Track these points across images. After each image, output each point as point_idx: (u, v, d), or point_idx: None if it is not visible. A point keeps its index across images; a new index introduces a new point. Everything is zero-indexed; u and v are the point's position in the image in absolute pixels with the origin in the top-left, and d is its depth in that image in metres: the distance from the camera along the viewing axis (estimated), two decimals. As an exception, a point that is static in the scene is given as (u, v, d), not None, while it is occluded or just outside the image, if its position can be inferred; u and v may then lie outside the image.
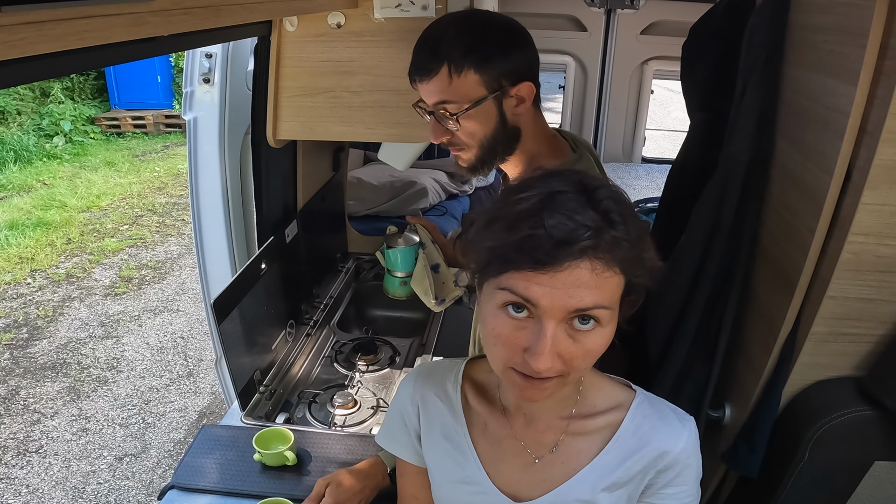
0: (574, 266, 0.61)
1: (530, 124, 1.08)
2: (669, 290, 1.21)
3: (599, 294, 0.63)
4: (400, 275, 1.52)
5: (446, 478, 0.84)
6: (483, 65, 0.99)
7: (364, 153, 3.11)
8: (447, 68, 0.99)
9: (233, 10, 0.90)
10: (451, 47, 0.99)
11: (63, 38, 0.59)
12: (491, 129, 1.04)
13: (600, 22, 3.33)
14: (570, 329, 0.64)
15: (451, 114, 1.03)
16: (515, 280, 0.63)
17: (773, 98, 1.05)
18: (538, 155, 1.10)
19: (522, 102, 1.04)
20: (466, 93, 1.01)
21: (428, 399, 0.86)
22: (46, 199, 5.49)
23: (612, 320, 0.66)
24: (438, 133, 1.07)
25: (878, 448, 0.95)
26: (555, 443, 0.79)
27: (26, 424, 2.91)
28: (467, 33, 1.00)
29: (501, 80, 1.01)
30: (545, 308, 0.63)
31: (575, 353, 0.65)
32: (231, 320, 1.33)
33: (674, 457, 0.76)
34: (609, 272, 0.63)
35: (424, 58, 1.02)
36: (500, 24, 1.03)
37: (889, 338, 0.95)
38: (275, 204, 1.65)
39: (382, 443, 0.93)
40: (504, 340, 0.66)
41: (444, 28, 1.02)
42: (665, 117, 8.51)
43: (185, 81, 1.77)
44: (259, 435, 1.26)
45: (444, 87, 1.01)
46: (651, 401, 0.80)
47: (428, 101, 1.05)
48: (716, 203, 1.11)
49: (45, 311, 3.86)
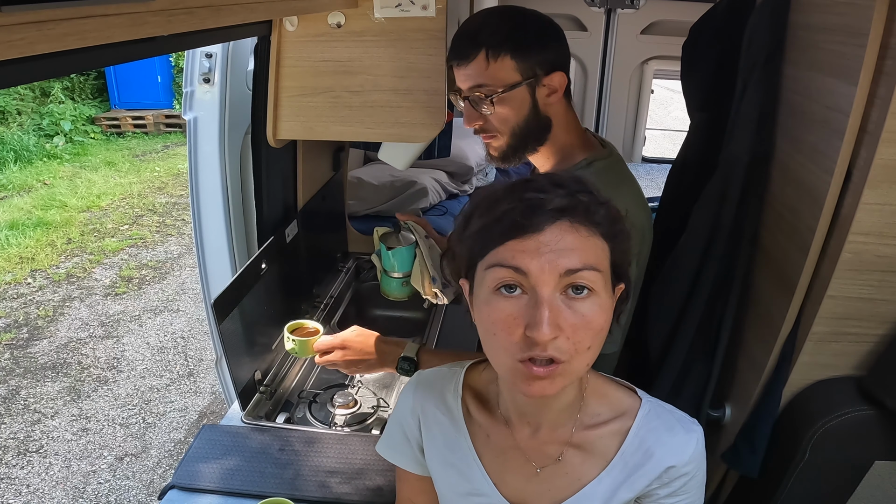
0: (555, 228, 0.63)
1: (562, 115, 1.12)
2: (669, 290, 1.21)
3: (585, 255, 0.64)
4: (398, 275, 1.49)
5: (453, 490, 0.83)
6: (519, 51, 1.04)
7: (364, 153, 3.11)
8: (485, 53, 1.04)
9: (233, 10, 0.90)
10: (491, 34, 1.04)
11: (63, 38, 0.59)
12: (523, 116, 1.08)
13: (600, 22, 3.33)
14: (565, 298, 0.65)
15: (485, 97, 1.06)
16: (502, 254, 0.65)
17: (774, 98, 1.05)
18: (570, 147, 1.13)
19: (554, 92, 1.08)
20: (502, 77, 1.05)
21: (428, 411, 0.85)
22: (47, 198, 5.49)
23: (605, 290, 0.67)
24: (472, 118, 1.10)
25: (878, 448, 0.95)
26: (558, 454, 0.78)
27: (27, 424, 2.91)
28: (507, 22, 1.05)
29: (536, 69, 1.05)
30: (535, 274, 0.63)
31: (575, 323, 0.64)
32: (231, 320, 1.33)
33: (679, 469, 0.75)
34: (589, 232, 0.65)
35: (463, 43, 1.07)
36: (538, 17, 1.08)
37: (889, 337, 0.95)
38: (275, 204, 1.65)
39: (384, 453, 0.92)
40: (502, 325, 0.65)
41: (484, 17, 1.08)
42: (665, 117, 8.51)
43: (185, 81, 1.77)
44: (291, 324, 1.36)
45: (480, 70, 1.05)
46: (657, 410, 0.78)
47: (464, 85, 1.09)
48: (716, 203, 1.11)
49: (45, 311, 3.86)
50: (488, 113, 1.08)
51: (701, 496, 0.80)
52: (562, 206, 0.64)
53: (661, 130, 7.33)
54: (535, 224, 0.63)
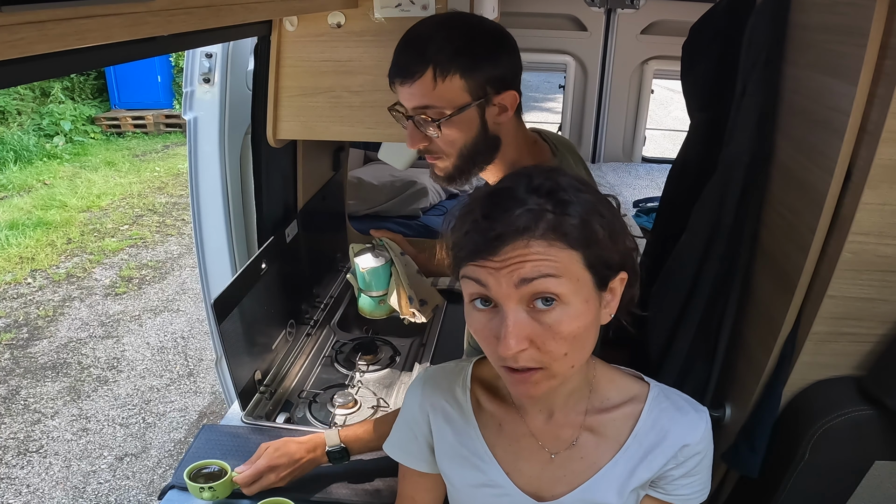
0: (510, 247, 0.64)
1: (511, 133, 1.05)
2: (669, 290, 1.21)
3: (544, 265, 0.64)
4: (375, 294, 1.45)
5: (466, 483, 0.83)
6: (470, 70, 0.96)
7: (364, 153, 3.11)
8: (432, 71, 0.95)
9: (233, 9, 0.90)
10: (439, 49, 0.94)
11: (63, 38, 0.59)
12: (471, 137, 1.01)
13: (600, 21, 3.33)
14: (532, 311, 0.66)
15: (432, 119, 0.98)
16: (471, 269, 0.67)
17: (774, 98, 1.05)
18: (518, 162, 1.07)
19: (505, 112, 1.01)
20: (450, 98, 0.96)
21: (437, 406, 0.85)
22: (47, 198, 5.49)
23: (577, 297, 0.66)
24: (416, 139, 1.03)
25: (878, 447, 0.95)
26: (573, 438, 0.78)
27: (27, 424, 2.91)
28: (457, 36, 0.96)
29: (487, 87, 0.98)
30: (495, 289, 0.65)
31: (543, 335, 0.66)
32: (231, 320, 1.33)
33: (693, 448, 0.76)
34: (548, 244, 0.65)
35: (408, 59, 0.97)
36: (489, 29, 1.00)
37: (889, 337, 0.95)
38: (275, 204, 1.65)
39: (392, 453, 0.92)
40: (481, 335, 0.69)
41: (431, 29, 0.98)
42: (665, 117, 8.51)
43: (185, 81, 1.77)
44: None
45: (427, 91, 0.96)
46: (666, 392, 0.80)
47: (408, 104, 1.00)
48: (716, 203, 1.11)
49: (45, 311, 3.86)
50: (434, 136, 1.00)
51: (709, 477, 0.81)
52: (523, 226, 0.64)
53: (661, 130, 7.33)
54: (492, 248, 0.65)
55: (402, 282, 1.39)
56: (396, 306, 1.41)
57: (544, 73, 1.24)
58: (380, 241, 1.45)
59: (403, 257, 1.43)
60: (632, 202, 3.00)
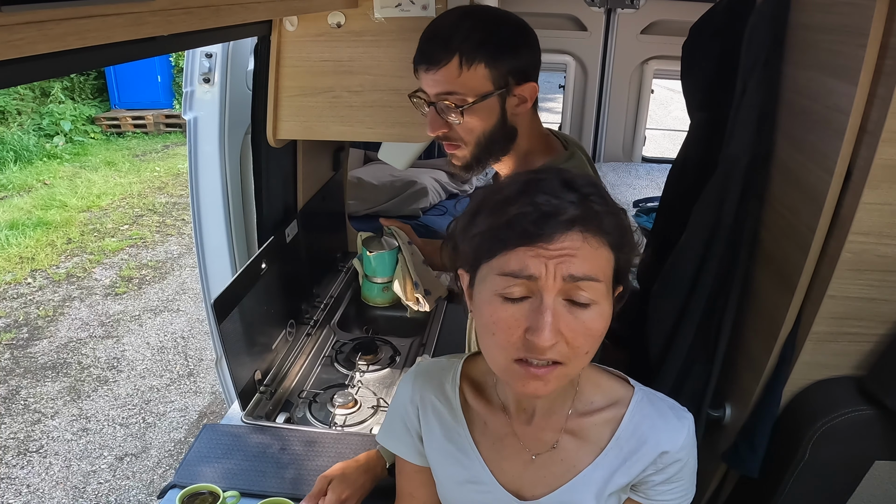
0: (564, 237, 0.63)
1: (527, 125, 1.08)
2: (669, 290, 1.21)
3: (591, 265, 0.64)
4: (380, 280, 1.47)
5: (451, 479, 0.84)
6: (494, 60, 0.99)
7: (364, 153, 3.11)
8: (458, 59, 0.98)
9: (233, 9, 0.90)
10: (465, 39, 0.98)
11: (63, 37, 0.59)
12: (490, 126, 1.04)
13: (600, 21, 3.33)
14: (568, 305, 0.65)
15: (455, 106, 1.01)
16: (508, 258, 0.65)
17: (774, 97, 1.05)
18: (530, 153, 1.10)
19: (524, 102, 1.04)
20: (474, 86, 1.00)
21: (427, 400, 0.86)
22: (47, 198, 5.49)
23: (606, 298, 0.67)
24: (437, 125, 1.05)
25: (878, 447, 0.95)
26: (553, 441, 0.79)
27: (27, 424, 2.91)
28: (481, 27, 1.00)
29: (509, 78, 1.01)
30: (542, 278, 0.64)
31: (576, 329, 0.65)
32: (231, 320, 1.33)
33: (673, 455, 0.76)
34: (598, 243, 0.65)
35: (434, 47, 1.01)
36: (512, 22, 1.03)
37: (889, 337, 0.95)
38: (275, 204, 1.65)
39: (383, 442, 0.93)
40: (503, 325, 0.66)
41: (457, 19, 1.01)
42: (665, 117, 8.50)
43: (185, 81, 1.77)
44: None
45: (452, 78, 1.00)
46: (650, 398, 0.80)
47: (430, 91, 1.03)
48: (716, 203, 1.11)
49: (45, 311, 3.86)
50: (456, 122, 1.03)
51: (693, 484, 0.81)
52: (574, 217, 0.64)
53: (661, 130, 7.33)
54: (547, 234, 0.63)
55: (409, 269, 1.41)
56: (400, 293, 1.42)
57: (544, 72, 1.25)
58: (388, 230, 1.47)
59: (411, 246, 1.45)
60: (632, 202, 3.00)
